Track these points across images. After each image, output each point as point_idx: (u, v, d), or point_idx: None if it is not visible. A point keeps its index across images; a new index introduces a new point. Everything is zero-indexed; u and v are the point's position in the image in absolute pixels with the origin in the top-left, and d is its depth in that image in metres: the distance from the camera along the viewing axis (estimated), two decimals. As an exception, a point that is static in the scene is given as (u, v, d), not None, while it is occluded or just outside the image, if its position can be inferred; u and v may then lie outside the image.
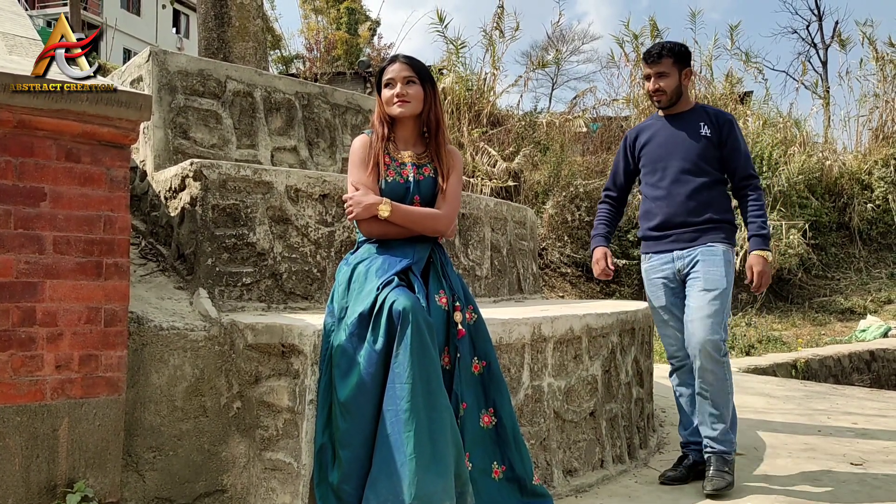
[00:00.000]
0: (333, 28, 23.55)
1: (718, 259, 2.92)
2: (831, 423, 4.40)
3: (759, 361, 7.20)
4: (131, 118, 2.15)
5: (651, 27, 13.64)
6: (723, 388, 2.91)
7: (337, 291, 2.34)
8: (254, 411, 2.42)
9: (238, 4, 4.96)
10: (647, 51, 3.08)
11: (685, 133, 3.04)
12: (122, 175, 2.19)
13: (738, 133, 3.04)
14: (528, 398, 2.77)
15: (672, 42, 3.08)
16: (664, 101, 3.06)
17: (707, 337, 2.84)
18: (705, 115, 3.06)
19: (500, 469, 2.27)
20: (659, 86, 3.03)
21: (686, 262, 2.98)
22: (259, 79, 3.72)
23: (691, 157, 3.00)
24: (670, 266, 3.03)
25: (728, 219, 3.01)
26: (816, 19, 24.49)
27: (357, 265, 2.34)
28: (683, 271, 3.00)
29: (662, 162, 3.06)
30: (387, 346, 2.10)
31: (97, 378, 2.14)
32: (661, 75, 3.02)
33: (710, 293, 2.88)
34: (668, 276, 3.05)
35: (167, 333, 2.40)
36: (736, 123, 3.06)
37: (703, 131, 3.01)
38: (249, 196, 2.83)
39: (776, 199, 11.24)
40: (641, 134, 3.19)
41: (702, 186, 2.97)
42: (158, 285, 2.80)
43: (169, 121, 3.40)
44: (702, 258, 2.93)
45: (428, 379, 2.07)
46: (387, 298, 2.13)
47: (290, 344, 2.31)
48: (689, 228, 2.98)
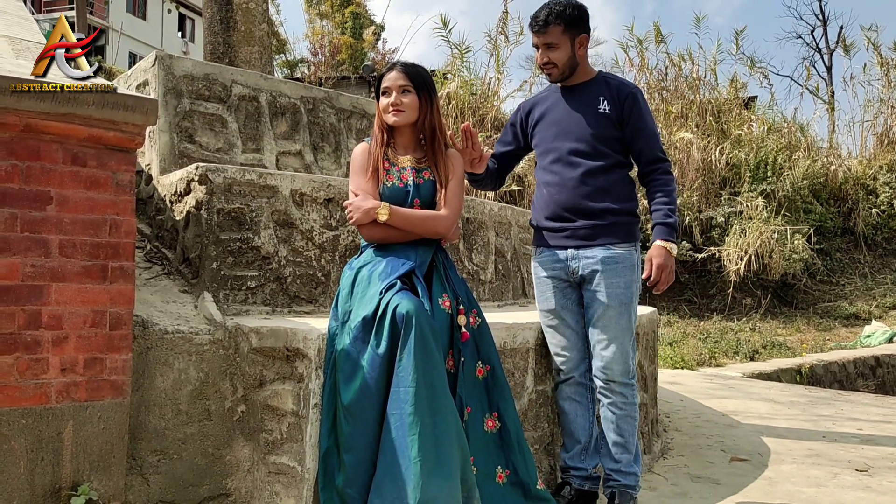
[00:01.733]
0: (338, 32, 23.60)
1: (620, 268, 2.56)
2: (836, 429, 4.39)
3: (763, 367, 7.18)
4: (137, 122, 2.16)
5: (655, 32, 13.66)
6: (630, 413, 2.59)
7: (341, 295, 2.35)
8: (258, 415, 2.42)
9: (243, 9, 4.98)
10: (533, 16, 2.62)
11: (581, 109, 2.63)
12: (127, 179, 2.20)
13: (643, 109, 2.61)
14: (532, 402, 2.77)
15: (559, 3, 2.59)
16: (555, 76, 2.64)
17: (614, 358, 2.55)
18: (606, 89, 2.63)
19: (503, 473, 2.27)
20: (548, 58, 2.61)
21: (582, 266, 2.60)
22: (264, 83, 3.74)
23: (586, 136, 2.60)
24: (562, 265, 2.65)
25: (629, 209, 2.61)
26: (821, 24, 24.51)
27: (360, 269, 2.35)
28: (578, 274, 2.62)
29: (555, 142, 2.66)
30: (390, 350, 2.10)
31: (102, 381, 2.14)
32: (549, 46, 2.60)
33: (613, 309, 2.55)
34: (558, 275, 2.67)
35: (172, 337, 2.40)
36: (641, 97, 2.63)
37: (602, 107, 2.60)
38: (254, 200, 2.84)
39: (780, 204, 11.23)
40: (536, 108, 2.77)
41: (597, 170, 2.58)
42: (163, 289, 2.81)
43: (175, 125, 3.42)
44: (602, 268, 2.55)
45: (432, 383, 2.07)
46: (390, 302, 2.14)
47: (295, 348, 2.31)
48: (585, 221, 2.58)
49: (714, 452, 3.67)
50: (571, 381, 2.70)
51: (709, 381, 6.17)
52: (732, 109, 12.95)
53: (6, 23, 3.51)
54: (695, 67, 13.27)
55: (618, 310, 2.55)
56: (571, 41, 2.59)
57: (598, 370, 2.59)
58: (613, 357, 2.55)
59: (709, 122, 12.53)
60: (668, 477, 3.21)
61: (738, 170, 11.98)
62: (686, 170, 11.97)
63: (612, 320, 2.55)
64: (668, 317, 10.40)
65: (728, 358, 7.89)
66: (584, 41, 2.62)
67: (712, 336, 9.14)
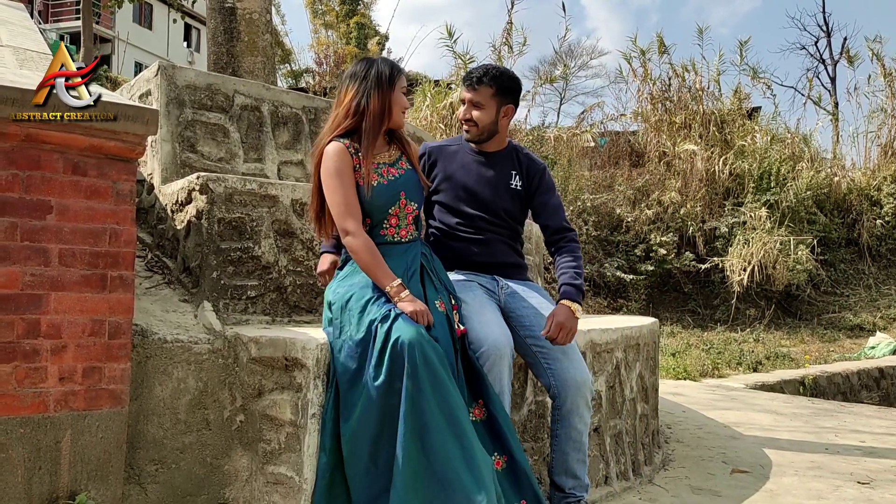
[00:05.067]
0: (343, 43, 23.70)
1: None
2: (839, 441, 4.36)
3: (766, 378, 7.15)
4: (138, 132, 2.17)
5: (658, 43, 13.68)
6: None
7: (333, 307, 2.32)
8: (256, 425, 2.42)
9: (247, 20, 5.01)
10: (469, 72, 2.65)
11: (493, 181, 2.67)
12: (128, 188, 2.21)
13: (550, 184, 2.72)
14: (531, 414, 2.76)
15: (498, 69, 2.64)
16: (473, 135, 2.65)
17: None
18: (517, 163, 2.71)
19: (501, 460, 2.25)
20: (471, 115, 2.61)
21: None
22: (267, 93, 3.76)
23: (497, 210, 2.66)
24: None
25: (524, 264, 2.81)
26: (825, 36, 24.49)
27: (351, 290, 2.31)
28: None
29: (469, 203, 2.66)
30: (388, 382, 2.08)
31: (100, 390, 2.14)
32: (476, 105, 2.60)
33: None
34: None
35: (171, 346, 2.41)
36: (548, 173, 2.75)
37: (514, 182, 2.68)
38: (255, 210, 2.85)
39: (784, 215, 11.21)
40: (441, 160, 2.73)
41: (507, 238, 2.72)
42: (164, 298, 2.81)
43: (177, 134, 3.43)
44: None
45: (451, 410, 2.07)
46: (391, 332, 2.10)
47: (294, 357, 2.31)
48: (505, 272, 2.71)
49: (715, 464, 3.65)
50: None
51: (711, 393, 6.15)
52: (736, 120, 12.94)
53: (10, 33, 3.54)
54: (698, 78, 13.27)
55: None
56: (498, 107, 2.61)
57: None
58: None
59: (712, 132, 12.52)
60: (669, 489, 3.20)
61: (741, 180, 11.97)
62: (689, 180, 11.97)
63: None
64: (671, 327, 10.38)
65: (731, 369, 7.86)
66: (510, 112, 2.65)
67: (716, 347, 9.11)
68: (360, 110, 2.33)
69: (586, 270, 11.12)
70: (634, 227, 11.54)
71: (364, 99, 2.33)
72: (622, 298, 11.24)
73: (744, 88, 13.58)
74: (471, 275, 2.68)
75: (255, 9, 4.98)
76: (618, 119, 13.94)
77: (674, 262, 11.18)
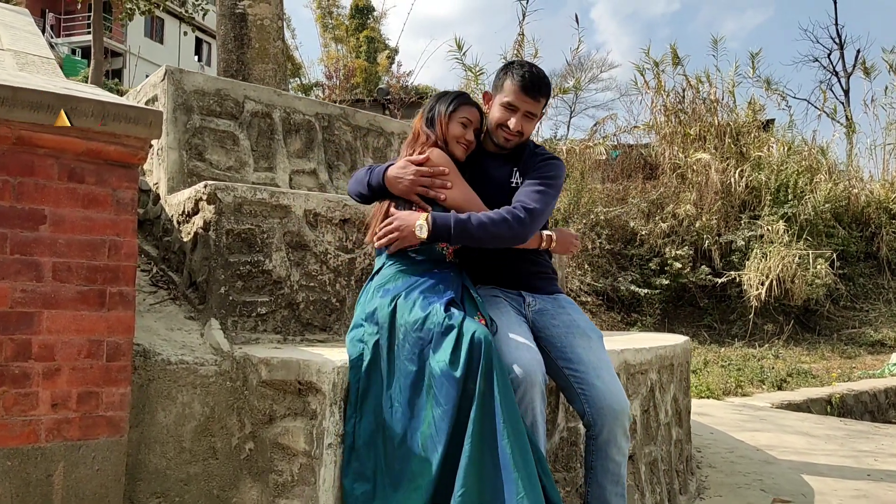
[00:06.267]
0: (353, 56, 23.71)
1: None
2: (880, 467, 4.12)
3: (792, 397, 6.90)
4: (140, 136, 2.00)
5: (672, 54, 13.51)
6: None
7: (379, 314, 2.14)
8: (267, 454, 2.22)
9: (258, 26, 4.86)
10: (532, 77, 2.34)
11: (496, 181, 2.43)
12: (129, 197, 2.03)
13: (544, 172, 2.40)
14: (563, 441, 2.55)
15: (544, 74, 2.39)
16: (511, 145, 2.41)
17: None
18: (520, 157, 2.45)
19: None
20: (521, 127, 2.36)
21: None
22: (278, 99, 3.59)
23: (500, 205, 2.33)
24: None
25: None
26: (838, 48, 24.29)
27: (396, 297, 2.15)
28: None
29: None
30: (465, 376, 1.91)
31: (97, 418, 1.95)
32: (529, 116, 2.37)
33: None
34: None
35: (175, 368, 2.22)
36: (552, 164, 2.43)
37: (515, 179, 2.43)
38: (266, 220, 2.67)
39: (802, 228, 10.97)
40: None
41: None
42: (168, 315, 2.63)
43: (184, 142, 3.26)
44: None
45: (516, 419, 1.93)
46: (465, 326, 1.96)
47: (308, 381, 2.12)
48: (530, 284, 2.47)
49: (753, 492, 3.42)
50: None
51: (738, 412, 5.90)
52: (751, 132, 12.73)
53: (13, 37, 3.40)
54: (713, 89, 13.08)
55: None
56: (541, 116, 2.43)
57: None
58: None
59: (727, 144, 12.31)
60: (708, 521, 2.98)
61: (757, 193, 11.73)
62: (704, 193, 11.74)
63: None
64: (687, 343, 10.11)
65: (754, 387, 7.61)
66: (540, 117, 2.45)
67: (734, 363, 8.86)
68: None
69: (599, 285, 10.90)
70: (649, 241, 11.32)
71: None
72: (636, 313, 11.01)
73: (758, 100, 13.40)
74: (495, 290, 2.48)
75: (266, 14, 4.83)
76: (631, 131, 13.77)
77: (689, 276, 10.94)
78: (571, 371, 2.31)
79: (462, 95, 2.41)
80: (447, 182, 2.27)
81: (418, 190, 2.29)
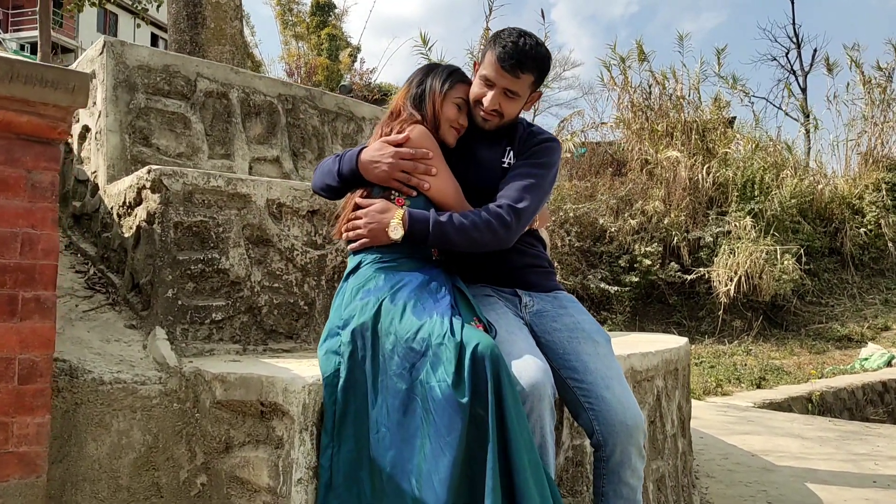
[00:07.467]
0: (314, 54, 23.20)
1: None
2: (883, 472, 3.92)
3: (773, 395, 6.76)
4: (61, 104, 1.61)
5: (638, 50, 13.37)
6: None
7: (341, 313, 1.79)
8: (223, 490, 1.85)
9: (213, 4, 4.45)
10: (513, 52, 1.97)
11: (486, 161, 2.10)
12: (48, 180, 1.64)
13: (538, 157, 2.08)
14: (568, 461, 2.23)
15: (541, 46, 2.02)
16: (490, 126, 2.06)
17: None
18: (515, 136, 2.13)
19: None
20: (499, 106, 2.01)
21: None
22: (236, 77, 3.19)
23: (484, 189, 2.05)
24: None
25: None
26: (795, 47, 24.60)
27: (382, 299, 1.78)
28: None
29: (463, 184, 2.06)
30: (473, 398, 1.57)
31: (6, 455, 1.56)
32: (510, 94, 2.01)
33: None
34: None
35: (110, 388, 1.83)
36: (549, 148, 2.12)
37: (507, 159, 2.10)
38: (221, 212, 2.29)
39: (769, 224, 10.93)
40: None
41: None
42: (105, 323, 2.24)
43: (126, 124, 2.85)
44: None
45: (531, 447, 1.63)
46: (465, 340, 1.61)
47: (272, 402, 1.76)
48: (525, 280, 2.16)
49: (760, 505, 3.16)
50: None
51: (723, 414, 5.69)
52: (717, 128, 12.68)
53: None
54: (678, 86, 13.00)
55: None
56: (528, 97, 2.07)
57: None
58: None
59: (694, 140, 12.23)
60: (720, 542, 2.70)
61: (724, 189, 11.68)
62: (673, 189, 11.65)
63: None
64: (659, 341, 9.97)
65: (733, 385, 7.45)
66: (535, 98, 2.12)
67: (706, 360, 8.72)
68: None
69: (569, 283, 10.67)
70: (618, 238, 11.17)
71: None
72: (606, 311, 10.86)
73: (724, 96, 13.36)
74: (487, 288, 2.14)
75: (221, -9, 4.42)
76: (598, 128, 13.63)
77: (658, 273, 10.83)
78: (577, 382, 1.98)
79: (458, 71, 2.05)
80: (431, 167, 1.92)
81: (398, 175, 1.93)
